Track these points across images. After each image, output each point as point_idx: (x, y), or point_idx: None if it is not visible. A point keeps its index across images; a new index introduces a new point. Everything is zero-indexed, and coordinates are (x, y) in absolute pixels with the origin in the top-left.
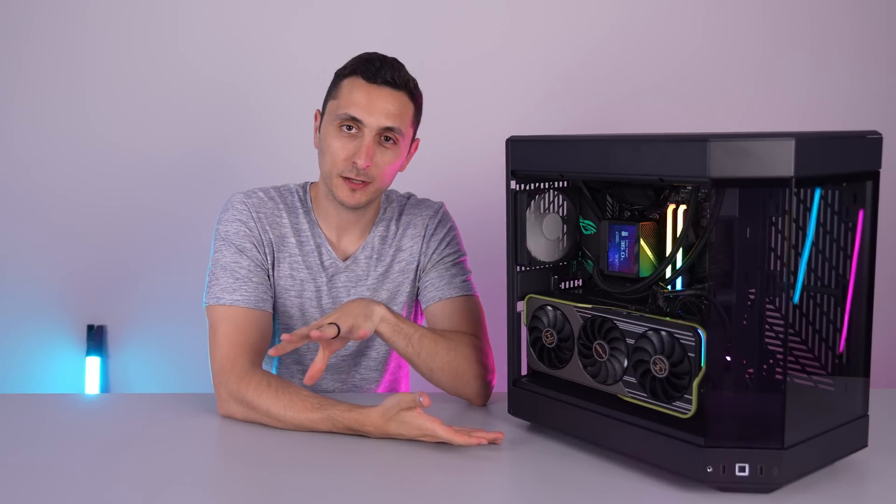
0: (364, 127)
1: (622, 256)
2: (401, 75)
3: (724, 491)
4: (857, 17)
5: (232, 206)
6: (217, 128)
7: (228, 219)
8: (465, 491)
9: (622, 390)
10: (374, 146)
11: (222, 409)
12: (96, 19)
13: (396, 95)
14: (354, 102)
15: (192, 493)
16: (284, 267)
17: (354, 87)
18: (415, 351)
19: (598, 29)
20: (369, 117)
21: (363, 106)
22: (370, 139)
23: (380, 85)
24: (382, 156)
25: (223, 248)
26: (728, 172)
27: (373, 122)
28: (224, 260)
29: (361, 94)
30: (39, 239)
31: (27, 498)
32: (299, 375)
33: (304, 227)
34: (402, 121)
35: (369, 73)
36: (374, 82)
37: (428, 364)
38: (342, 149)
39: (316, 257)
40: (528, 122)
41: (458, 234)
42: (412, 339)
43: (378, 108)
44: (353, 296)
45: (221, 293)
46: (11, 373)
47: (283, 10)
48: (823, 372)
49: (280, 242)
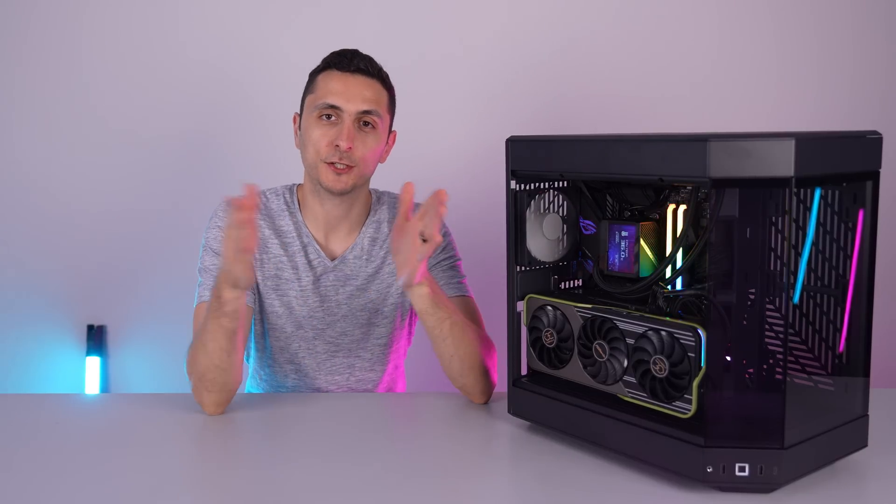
0: (343, 112)
1: (622, 256)
2: (373, 65)
3: (724, 491)
4: (858, 18)
5: (215, 214)
6: (218, 129)
7: (211, 226)
8: (465, 491)
9: (622, 390)
10: (355, 130)
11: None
12: (96, 21)
13: (370, 82)
14: (331, 91)
15: (192, 493)
16: (269, 268)
17: (330, 78)
18: (442, 335)
19: (599, 29)
20: (347, 103)
21: (340, 92)
22: (350, 123)
23: (354, 73)
24: (363, 140)
25: (205, 255)
26: (728, 172)
27: (351, 106)
28: (206, 264)
29: (337, 82)
30: (39, 239)
31: (27, 498)
32: (293, 375)
33: (290, 228)
34: (379, 105)
35: (343, 63)
36: (348, 71)
37: (451, 351)
38: (324, 135)
39: (302, 257)
40: (528, 122)
41: (452, 240)
42: (444, 323)
43: (355, 94)
44: (342, 294)
45: (203, 292)
46: (11, 373)
47: (284, 10)
48: (823, 372)
49: (262, 245)
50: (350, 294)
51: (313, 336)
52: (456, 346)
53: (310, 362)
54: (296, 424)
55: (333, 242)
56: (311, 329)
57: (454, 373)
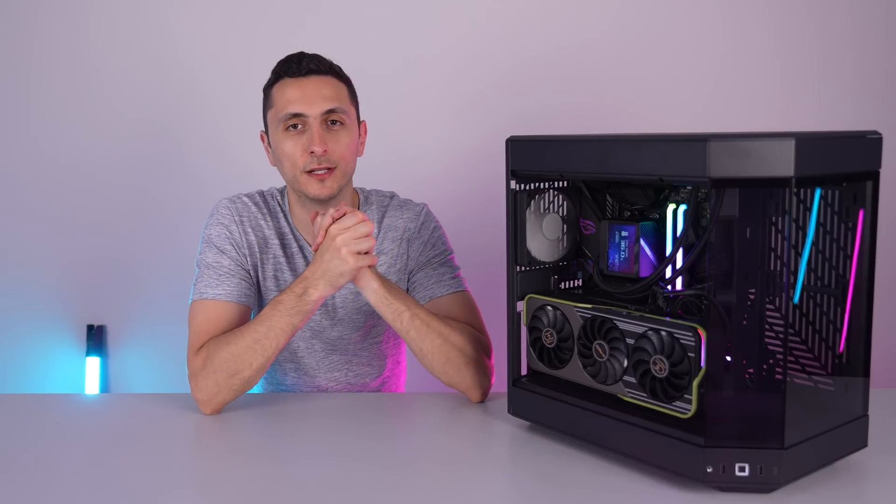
0: (308, 118)
1: (622, 256)
2: (323, 62)
3: (724, 491)
4: (858, 18)
5: (217, 211)
6: (218, 129)
7: (212, 223)
8: (465, 491)
9: (622, 390)
10: (324, 132)
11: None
12: (96, 19)
13: (326, 80)
14: (290, 100)
15: (191, 493)
16: (269, 268)
17: (285, 87)
18: (404, 328)
19: (599, 29)
20: (308, 107)
21: (299, 99)
22: (317, 126)
23: (306, 76)
24: (336, 139)
25: (206, 250)
26: (728, 172)
27: (313, 110)
28: (207, 260)
29: (293, 89)
30: (39, 239)
31: (27, 498)
32: (293, 374)
33: (286, 229)
34: (341, 100)
35: (293, 69)
36: (300, 75)
37: (418, 344)
38: (296, 146)
39: (300, 259)
40: (528, 122)
41: (443, 234)
42: (402, 315)
43: (314, 96)
44: (338, 297)
45: (205, 289)
46: (11, 373)
47: (285, 9)
48: (823, 372)
49: (263, 244)
50: (345, 297)
51: (311, 335)
52: (421, 339)
53: (309, 360)
54: (294, 424)
55: None
56: (309, 329)
57: (435, 369)
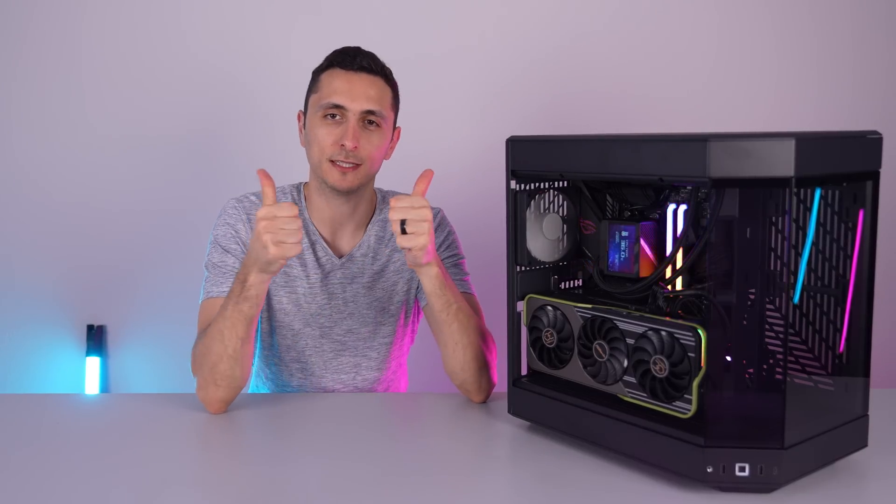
0: (347, 111)
1: (622, 256)
2: (376, 62)
3: (724, 491)
4: (858, 18)
5: (224, 212)
6: (219, 129)
7: (219, 223)
8: (465, 491)
9: (622, 390)
10: (359, 129)
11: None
12: (97, 21)
13: (374, 80)
14: (336, 90)
15: (192, 493)
16: None
17: (334, 77)
18: (448, 320)
19: (600, 28)
20: (351, 102)
21: (344, 92)
22: (354, 122)
23: (357, 71)
24: (368, 138)
25: (213, 251)
26: (728, 172)
27: (355, 106)
28: (213, 260)
29: (341, 81)
30: (39, 239)
31: (27, 498)
32: (299, 374)
33: None
34: (383, 104)
35: (346, 61)
36: (351, 69)
37: (455, 338)
38: (329, 134)
39: (311, 254)
40: (528, 122)
41: (456, 239)
42: (450, 307)
43: (359, 93)
44: (349, 292)
45: (211, 288)
46: (11, 373)
47: (286, 9)
48: (823, 372)
49: None
50: (356, 292)
51: (320, 335)
52: (462, 333)
53: (316, 360)
54: (296, 424)
55: (340, 240)
56: (318, 327)
57: (457, 365)
